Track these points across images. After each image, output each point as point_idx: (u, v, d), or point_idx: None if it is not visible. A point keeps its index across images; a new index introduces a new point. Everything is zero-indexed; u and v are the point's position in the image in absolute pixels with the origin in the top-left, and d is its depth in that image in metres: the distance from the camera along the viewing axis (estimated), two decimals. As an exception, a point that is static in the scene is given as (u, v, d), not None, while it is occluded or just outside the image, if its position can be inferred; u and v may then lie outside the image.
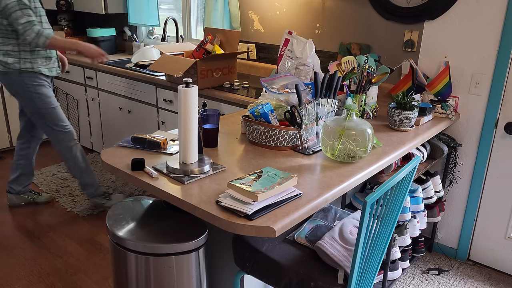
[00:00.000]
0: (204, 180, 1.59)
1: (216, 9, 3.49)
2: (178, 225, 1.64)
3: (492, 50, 2.44)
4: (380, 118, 2.44)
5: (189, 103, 1.55)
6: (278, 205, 1.41)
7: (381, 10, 2.79)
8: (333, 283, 1.44)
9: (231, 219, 1.33)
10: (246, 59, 3.61)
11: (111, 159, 1.75)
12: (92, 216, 3.24)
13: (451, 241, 2.86)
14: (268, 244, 1.61)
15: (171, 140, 1.94)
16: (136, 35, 4.48)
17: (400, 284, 2.57)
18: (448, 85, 2.50)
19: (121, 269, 1.63)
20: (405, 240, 2.32)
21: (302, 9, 3.19)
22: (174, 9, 4.26)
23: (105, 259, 2.75)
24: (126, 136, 3.94)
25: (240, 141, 2.00)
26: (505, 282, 2.63)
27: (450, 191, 2.79)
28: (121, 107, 3.84)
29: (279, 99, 2.01)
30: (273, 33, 3.40)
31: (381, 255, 1.58)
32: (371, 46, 2.90)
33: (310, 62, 2.32)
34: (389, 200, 1.43)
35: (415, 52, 2.73)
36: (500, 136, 2.56)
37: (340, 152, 1.76)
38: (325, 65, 3.06)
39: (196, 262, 1.61)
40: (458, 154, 2.70)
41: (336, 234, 1.58)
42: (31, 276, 2.58)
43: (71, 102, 4.40)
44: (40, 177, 3.85)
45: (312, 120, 1.89)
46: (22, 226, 3.10)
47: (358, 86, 2.28)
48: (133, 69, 3.63)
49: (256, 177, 1.49)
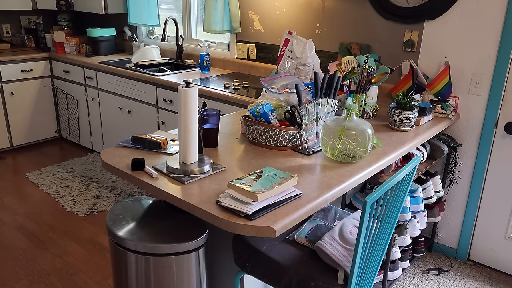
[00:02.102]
0: (204, 180, 1.59)
1: (216, 9, 3.49)
2: (178, 225, 1.64)
3: (492, 50, 2.44)
4: (380, 118, 2.44)
5: (189, 103, 1.55)
6: (278, 205, 1.41)
7: (381, 10, 2.79)
8: (333, 283, 1.44)
9: (231, 219, 1.33)
10: (246, 59, 3.62)
11: (111, 159, 1.75)
12: (92, 216, 3.24)
13: (451, 241, 2.86)
14: (268, 244, 1.61)
15: (171, 140, 1.94)
16: (136, 35, 4.48)
17: (400, 284, 2.57)
18: (448, 85, 2.50)
19: (121, 269, 1.63)
20: (405, 240, 2.32)
21: (302, 9, 3.19)
22: (174, 9, 4.26)
23: (105, 259, 2.75)
24: (126, 136, 3.94)
25: (240, 141, 2.00)
26: (505, 282, 2.63)
27: (450, 191, 2.79)
28: (121, 107, 3.84)
29: (279, 99, 2.01)
30: (273, 33, 3.40)
31: (381, 255, 1.58)
32: (371, 46, 2.90)
33: (310, 62, 2.32)
34: (389, 200, 1.43)
35: (415, 52, 2.73)
36: (500, 136, 2.56)
37: (340, 152, 1.76)
38: (325, 65, 3.06)
39: (196, 262, 1.61)
40: (458, 154, 2.70)
41: (336, 234, 1.58)
42: (31, 276, 2.58)
43: (71, 102, 4.40)
44: (40, 177, 3.85)
45: (312, 120, 1.89)
46: (22, 226, 3.10)
47: (358, 86, 2.28)
48: (133, 69, 3.63)
49: (256, 177, 1.49)
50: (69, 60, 4.21)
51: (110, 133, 4.09)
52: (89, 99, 4.17)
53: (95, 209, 3.31)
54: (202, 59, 3.63)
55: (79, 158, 4.27)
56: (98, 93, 4.03)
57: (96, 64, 3.91)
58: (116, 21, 4.58)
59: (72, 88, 4.32)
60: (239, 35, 3.62)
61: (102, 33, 4.29)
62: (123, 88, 3.75)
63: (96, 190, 3.60)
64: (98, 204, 3.38)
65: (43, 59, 4.40)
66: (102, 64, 3.86)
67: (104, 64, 3.86)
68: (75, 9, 4.50)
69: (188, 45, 4.03)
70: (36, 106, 4.45)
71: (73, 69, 4.21)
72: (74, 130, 4.51)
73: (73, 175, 3.88)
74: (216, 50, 3.85)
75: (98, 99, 4.06)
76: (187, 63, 3.90)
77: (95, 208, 3.33)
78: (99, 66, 3.89)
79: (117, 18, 4.56)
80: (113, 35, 4.42)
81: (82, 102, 4.27)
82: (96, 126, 4.22)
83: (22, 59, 4.23)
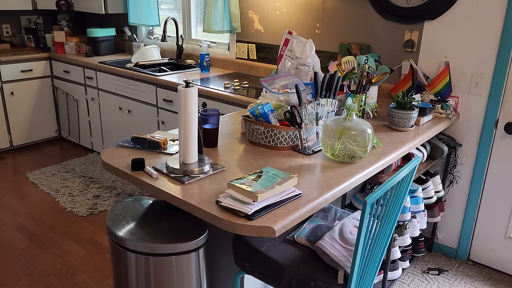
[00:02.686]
0: (204, 180, 1.59)
1: (216, 9, 3.49)
2: (178, 225, 1.64)
3: (492, 50, 2.44)
4: (380, 118, 2.44)
5: (189, 103, 1.55)
6: (278, 205, 1.41)
7: (381, 10, 2.79)
8: (333, 283, 1.44)
9: (231, 219, 1.33)
10: (246, 59, 3.62)
11: (111, 159, 1.75)
12: (92, 216, 3.24)
13: (451, 241, 2.86)
14: (268, 244, 1.61)
15: (171, 140, 1.94)
16: (136, 35, 4.48)
17: (400, 284, 2.57)
18: (448, 85, 2.50)
19: (121, 269, 1.63)
20: (405, 240, 2.32)
21: (302, 9, 3.19)
22: (174, 9, 4.26)
23: (105, 259, 2.75)
24: (126, 136, 3.94)
25: (240, 141, 2.00)
26: (505, 282, 2.63)
27: (450, 191, 2.79)
28: (121, 107, 3.84)
29: (279, 99, 2.00)
30: (273, 33, 3.40)
31: (381, 255, 1.58)
32: (371, 46, 2.90)
33: (310, 62, 2.32)
34: (389, 200, 1.43)
35: (415, 52, 2.73)
36: (500, 136, 2.56)
37: (340, 152, 1.76)
38: (325, 65, 3.06)
39: (196, 262, 1.61)
40: (458, 154, 2.70)
41: (336, 234, 1.58)
42: (31, 276, 2.58)
43: (71, 102, 4.40)
44: (40, 177, 3.85)
45: (312, 120, 1.89)
46: (22, 226, 3.10)
47: (358, 86, 2.28)
48: (133, 69, 3.63)
49: (256, 177, 1.49)
50: (69, 60, 4.21)
51: (110, 133, 4.09)
52: (89, 99, 4.17)
53: (95, 209, 3.31)
54: (202, 59, 3.63)
55: (79, 158, 4.27)
56: (98, 93, 4.03)
57: (96, 64, 3.91)
58: (116, 21, 4.58)
59: (72, 88, 4.32)
60: (239, 35, 3.62)
61: (102, 33, 4.28)
62: (123, 88, 3.75)
63: (96, 190, 3.60)
64: (98, 204, 3.38)
65: (43, 59, 4.40)
66: (102, 64, 3.86)
67: (104, 64, 3.86)
68: (75, 9, 4.50)
69: (188, 45, 4.03)
70: (36, 106, 4.45)
71: (73, 69, 4.21)
72: (74, 130, 4.51)
73: (73, 175, 3.88)
74: (216, 50, 3.85)
75: (98, 99, 4.06)
76: (187, 63, 3.90)
77: (95, 208, 3.33)
78: (99, 66, 3.89)
79: (117, 18, 4.56)
80: (113, 35, 4.42)
81: (82, 102, 4.27)
82: (96, 126, 4.22)
83: (22, 59, 4.23)
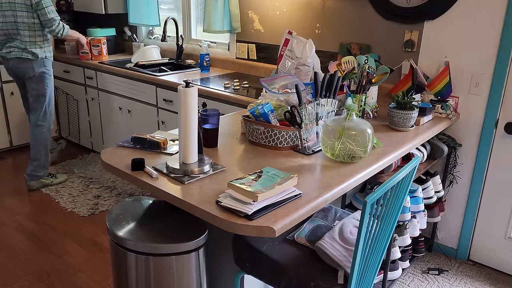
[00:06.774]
0: (204, 180, 1.59)
1: (216, 9, 3.49)
2: (178, 225, 1.64)
3: (492, 50, 2.44)
4: (380, 118, 2.44)
5: (189, 103, 1.55)
6: (278, 205, 1.41)
7: (381, 10, 2.79)
8: (333, 283, 1.44)
9: (231, 219, 1.33)
10: (246, 59, 3.62)
11: (111, 159, 1.75)
12: (92, 216, 3.24)
13: (451, 241, 2.86)
14: (268, 244, 1.61)
15: (171, 140, 1.94)
16: (136, 35, 4.48)
17: (400, 284, 2.57)
18: (448, 85, 2.50)
19: (121, 269, 1.63)
20: (405, 240, 2.32)
21: (302, 9, 3.19)
22: (174, 9, 4.26)
23: (105, 259, 2.75)
24: (126, 136, 3.93)
25: (240, 141, 2.00)
26: (505, 282, 2.63)
27: (450, 191, 2.79)
28: (121, 107, 3.84)
29: (279, 99, 2.01)
30: (273, 33, 3.40)
31: (381, 255, 1.58)
32: (371, 46, 2.90)
33: (310, 62, 2.32)
34: (389, 200, 1.43)
35: (415, 52, 2.73)
36: (500, 136, 2.56)
37: (340, 152, 1.76)
38: (325, 65, 3.06)
39: (196, 262, 1.61)
40: (458, 154, 2.70)
41: (336, 234, 1.58)
42: (31, 276, 2.58)
43: (71, 102, 4.40)
44: (40, 177, 3.85)
45: (312, 120, 1.89)
46: (22, 226, 3.10)
47: (358, 86, 2.28)
48: (133, 69, 3.63)
49: (256, 177, 1.49)
50: (69, 60, 4.21)
51: (110, 133, 4.09)
52: (89, 99, 4.17)
53: (96, 209, 3.31)
54: (202, 59, 3.63)
55: (79, 158, 4.27)
56: (98, 93, 4.03)
57: (96, 64, 3.91)
58: (116, 21, 4.58)
59: (72, 88, 4.32)
60: (239, 35, 3.62)
61: (102, 33, 4.28)
62: (123, 88, 3.74)
63: (96, 190, 3.60)
64: (99, 204, 3.38)
65: (43, 59, 4.40)
66: (102, 64, 3.86)
67: (104, 64, 3.86)
68: (75, 9, 4.50)
69: (188, 45, 4.03)
70: (36, 106, 4.44)
71: (73, 69, 4.21)
72: (74, 130, 4.50)
73: (73, 175, 3.88)
74: (216, 50, 3.85)
75: (98, 99, 4.06)
76: (187, 63, 3.90)
77: (96, 208, 3.32)
78: (99, 66, 3.89)
79: (117, 18, 4.56)
80: (113, 35, 4.42)
81: (82, 102, 4.27)
82: (96, 126, 4.22)
83: (22, 59, 4.23)
